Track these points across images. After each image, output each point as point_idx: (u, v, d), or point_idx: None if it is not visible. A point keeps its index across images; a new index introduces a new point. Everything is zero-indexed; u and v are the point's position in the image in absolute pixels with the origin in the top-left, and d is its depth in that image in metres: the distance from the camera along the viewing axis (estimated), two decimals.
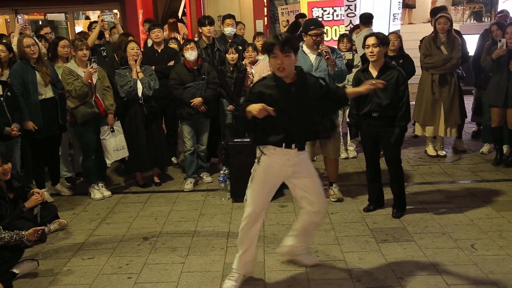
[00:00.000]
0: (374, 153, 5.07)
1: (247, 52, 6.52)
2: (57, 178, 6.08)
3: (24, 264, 4.13)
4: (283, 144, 3.55)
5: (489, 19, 13.12)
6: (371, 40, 4.77)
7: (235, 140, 5.57)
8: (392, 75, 4.77)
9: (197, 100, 5.89)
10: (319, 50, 5.10)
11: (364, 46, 5.14)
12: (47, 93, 5.53)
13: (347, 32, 8.43)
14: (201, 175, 6.36)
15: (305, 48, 5.25)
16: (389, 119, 4.81)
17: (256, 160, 3.66)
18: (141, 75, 5.87)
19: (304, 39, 5.31)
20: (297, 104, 3.49)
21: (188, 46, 5.94)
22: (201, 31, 6.79)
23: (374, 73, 4.85)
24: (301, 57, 5.21)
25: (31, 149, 5.65)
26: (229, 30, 7.03)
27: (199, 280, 3.94)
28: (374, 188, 5.18)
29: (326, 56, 5.05)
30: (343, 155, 6.91)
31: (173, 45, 7.05)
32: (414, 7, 13.78)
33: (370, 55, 4.81)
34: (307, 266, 4.04)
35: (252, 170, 3.68)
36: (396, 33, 6.81)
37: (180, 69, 6.04)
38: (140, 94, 5.86)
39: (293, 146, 3.57)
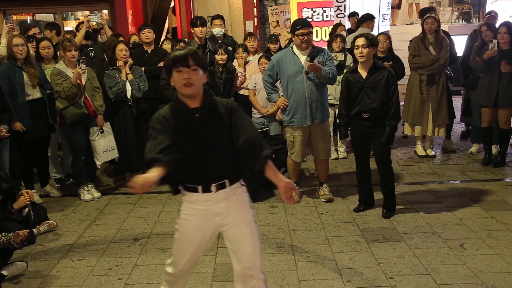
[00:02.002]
0: (364, 153, 5.09)
1: (238, 53, 6.53)
2: (46, 179, 6.04)
3: (13, 266, 4.10)
4: (199, 188, 2.89)
5: (477, 20, 13.22)
6: (360, 41, 4.78)
7: None
8: (382, 76, 4.79)
9: None
10: (308, 65, 5.05)
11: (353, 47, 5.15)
12: (35, 94, 5.50)
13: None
14: None
15: (295, 49, 5.24)
16: (379, 119, 4.83)
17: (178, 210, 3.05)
18: (130, 76, 5.85)
19: (293, 39, 5.32)
20: (204, 134, 2.83)
21: (178, 47, 5.94)
22: (193, 31, 6.78)
23: (364, 74, 4.86)
24: (291, 58, 5.22)
25: (19, 150, 5.61)
26: (217, 30, 7.03)
27: (190, 281, 3.92)
28: (364, 189, 5.19)
29: (308, 65, 5.03)
30: (333, 155, 6.92)
31: (167, 45, 7.05)
32: (399, 8, 13.86)
33: (359, 56, 4.81)
34: None
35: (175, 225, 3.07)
36: (386, 34, 6.84)
37: None
38: (129, 95, 5.85)
39: (212, 187, 2.88)
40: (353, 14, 8.91)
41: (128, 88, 5.83)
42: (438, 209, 5.14)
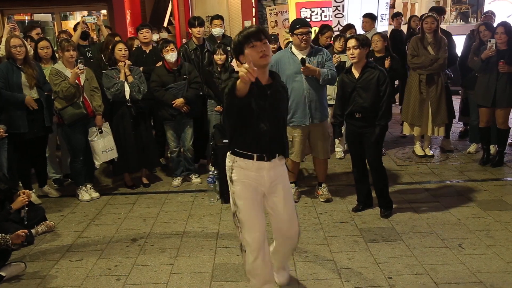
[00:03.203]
0: (359, 153, 5.10)
1: None
2: (44, 180, 6.04)
3: (11, 267, 4.09)
4: (255, 156, 3.20)
5: (475, 20, 13.24)
6: (351, 43, 4.83)
7: (224, 140, 5.57)
8: (373, 75, 4.82)
9: (179, 101, 5.92)
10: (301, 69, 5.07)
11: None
12: (32, 94, 5.48)
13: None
14: (190, 176, 6.36)
15: (293, 49, 5.24)
16: (372, 119, 4.86)
17: (229, 181, 3.27)
18: (130, 78, 5.84)
19: (291, 39, 5.32)
20: (271, 110, 3.16)
21: (168, 47, 5.94)
22: (191, 32, 6.78)
23: (357, 74, 4.91)
24: (290, 58, 5.21)
25: (16, 150, 5.59)
26: (217, 30, 7.03)
27: (189, 281, 3.93)
28: (361, 188, 5.20)
29: (302, 69, 5.05)
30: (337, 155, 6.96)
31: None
32: (393, 7, 13.84)
33: (351, 57, 4.87)
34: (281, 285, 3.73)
35: (230, 195, 3.30)
36: (380, 34, 6.82)
37: (160, 71, 6.04)
38: (127, 96, 5.84)
39: (265, 157, 3.23)
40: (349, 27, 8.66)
41: (127, 89, 5.83)
42: (437, 209, 5.15)
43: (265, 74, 3.16)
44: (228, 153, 3.29)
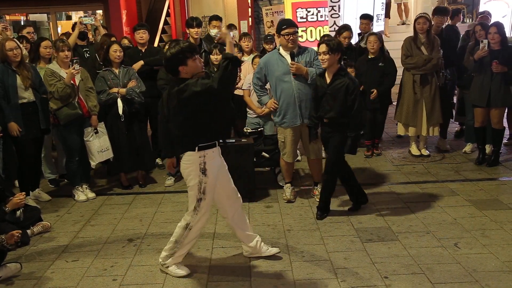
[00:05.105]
0: None
1: None
2: (37, 183, 5.98)
3: (7, 267, 4.08)
4: (216, 143, 3.84)
5: (470, 20, 13.28)
6: (322, 48, 4.80)
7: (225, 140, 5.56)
8: (342, 84, 4.79)
9: None
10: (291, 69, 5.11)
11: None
12: (29, 96, 5.45)
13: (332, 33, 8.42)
14: None
15: (281, 50, 5.25)
16: (338, 126, 4.85)
17: (200, 172, 3.79)
18: (123, 91, 5.83)
19: (278, 40, 5.32)
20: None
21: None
22: (188, 32, 6.77)
23: (328, 79, 4.90)
24: (278, 60, 5.23)
25: (12, 152, 5.56)
26: (215, 31, 7.02)
27: (185, 281, 3.93)
28: (349, 188, 5.19)
29: (291, 68, 5.09)
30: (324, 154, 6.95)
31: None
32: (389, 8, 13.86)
33: (322, 62, 4.85)
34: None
35: (198, 183, 3.82)
36: (376, 35, 6.83)
37: None
38: (120, 112, 5.85)
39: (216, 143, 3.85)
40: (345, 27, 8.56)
41: (120, 104, 5.82)
42: (433, 209, 5.16)
43: None
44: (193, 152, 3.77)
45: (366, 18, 7.60)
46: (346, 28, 7.18)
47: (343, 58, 6.95)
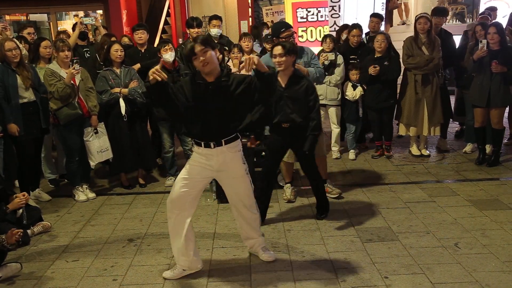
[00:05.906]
0: (275, 166, 5.06)
1: (233, 53, 6.52)
2: (37, 184, 5.98)
3: (7, 267, 4.08)
4: (202, 143, 3.76)
5: (471, 20, 13.27)
6: (277, 50, 4.61)
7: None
8: (301, 86, 4.69)
9: None
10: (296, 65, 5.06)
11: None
12: (29, 96, 5.45)
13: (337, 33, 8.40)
14: None
15: None
16: (300, 129, 4.72)
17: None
18: (125, 91, 5.83)
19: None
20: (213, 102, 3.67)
21: (166, 47, 5.89)
22: (188, 32, 6.77)
23: (283, 82, 4.71)
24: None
25: (13, 152, 5.56)
26: (215, 31, 7.03)
27: (185, 281, 3.93)
28: (264, 201, 4.98)
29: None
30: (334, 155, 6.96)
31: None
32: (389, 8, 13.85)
33: (277, 65, 4.61)
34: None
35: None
36: (384, 34, 6.81)
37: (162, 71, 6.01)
38: (123, 112, 5.85)
39: (211, 144, 3.74)
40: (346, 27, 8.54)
41: (122, 104, 5.82)
42: (433, 209, 5.16)
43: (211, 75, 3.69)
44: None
45: (377, 17, 7.57)
46: (356, 26, 7.14)
47: (353, 58, 6.99)
